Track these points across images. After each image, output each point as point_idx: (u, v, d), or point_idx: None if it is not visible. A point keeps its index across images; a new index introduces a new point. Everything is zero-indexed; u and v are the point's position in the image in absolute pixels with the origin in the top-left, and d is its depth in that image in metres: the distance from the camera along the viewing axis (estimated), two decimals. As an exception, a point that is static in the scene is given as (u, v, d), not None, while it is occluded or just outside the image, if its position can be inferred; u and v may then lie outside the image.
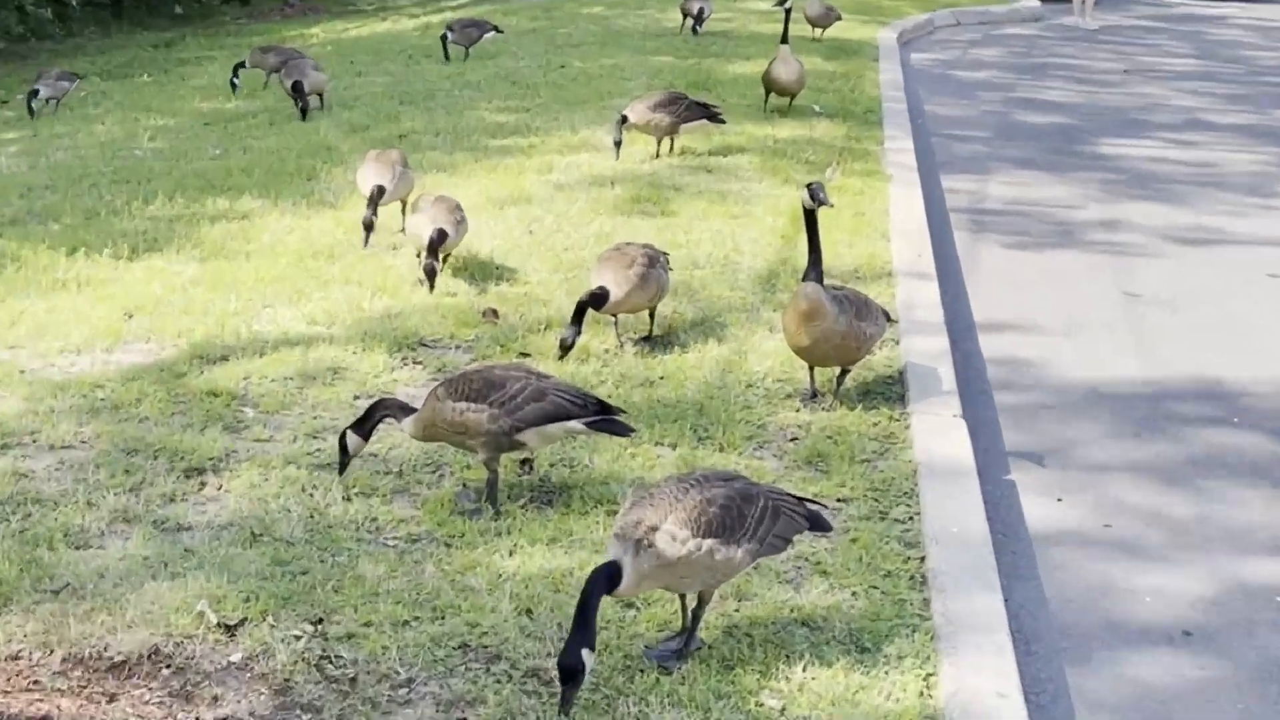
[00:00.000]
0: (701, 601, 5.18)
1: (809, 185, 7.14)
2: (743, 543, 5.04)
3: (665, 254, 8.56)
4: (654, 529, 4.89)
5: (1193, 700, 5.42)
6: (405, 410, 6.29)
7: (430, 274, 8.76)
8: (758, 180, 12.04)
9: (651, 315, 8.38)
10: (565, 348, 7.84)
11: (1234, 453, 7.53)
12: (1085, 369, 8.67)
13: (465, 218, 9.17)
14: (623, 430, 6.29)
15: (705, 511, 4.96)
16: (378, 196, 9.70)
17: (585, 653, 4.61)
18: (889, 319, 7.93)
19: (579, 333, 7.84)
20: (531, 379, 6.22)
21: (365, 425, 6.31)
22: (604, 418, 6.21)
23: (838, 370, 7.64)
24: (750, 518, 5.07)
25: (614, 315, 8.23)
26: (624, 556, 4.85)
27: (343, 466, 6.40)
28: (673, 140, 12.64)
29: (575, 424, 6.18)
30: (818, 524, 5.41)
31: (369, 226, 9.71)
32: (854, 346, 7.39)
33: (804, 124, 14.24)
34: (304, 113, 14.14)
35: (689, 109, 12.35)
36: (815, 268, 7.18)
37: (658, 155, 12.65)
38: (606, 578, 4.81)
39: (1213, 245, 11.38)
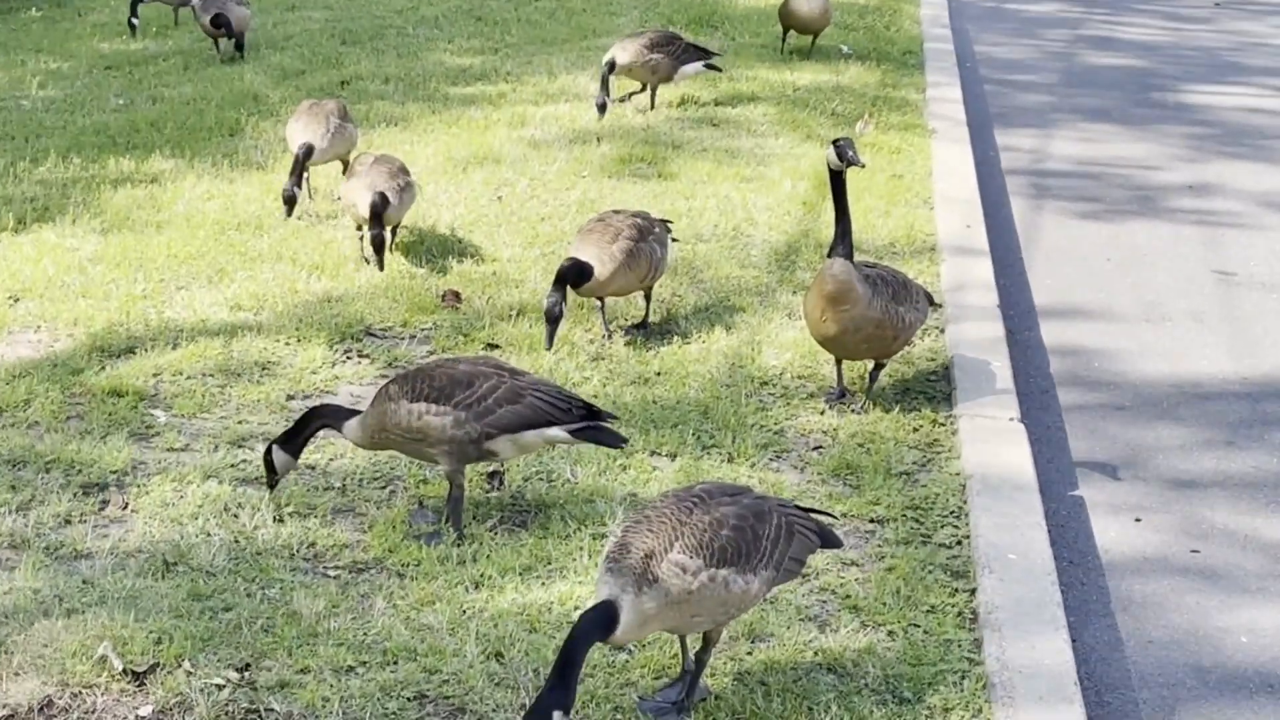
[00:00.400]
0: (707, 643, 5.20)
1: (836, 142, 7.16)
2: (759, 570, 5.06)
3: (667, 223, 8.56)
4: (658, 559, 4.89)
5: (1298, 761, 5.45)
6: (346, 415, 6.31)
7: (378, 245, 8.78)
8: (774, 136, 12.07)
9: (647, 297, 8.40)
10: (553, 319, 7.78)
11: (1348, 464, 7.58)
12: (1168, 363, 8.70)
13: (412, 182, 9.17)
14: (613, 440, 6.31)
15: (716, 535, 4.98)
16: (304, 159, 9.70)
17: (558, 715, 4.61)
18: (932, 303, 7.96)
19: (564, 301, 7.82)
20: (504, 376, 6.24)
21: (296, 439, 6.33)
22: (591, 425, 6.23)
23: (871, 365, 7.66)
24: (765, 539, 5.10)
25: (599, 299, 8.25)
26: (622, 595, 4.84)
27: (272, 485, 6.43)
28: (653, 92, 12.66)
29: (557, 431, 6.20)
30: (827, 540, 5.47)
31: (290, 201, 9.70)
32: (890, 336, 7.42)
33: (830, 68, 14.26)
34: (240, 48, 14.20)
35: (686, 50, 12.40)
36: (844, 241, 7.21)
37: (652, 105, 12.67)
38: (600, 623, 4.80)
39: (1322, 214, 11.44)
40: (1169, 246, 10.63)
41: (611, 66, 12.11)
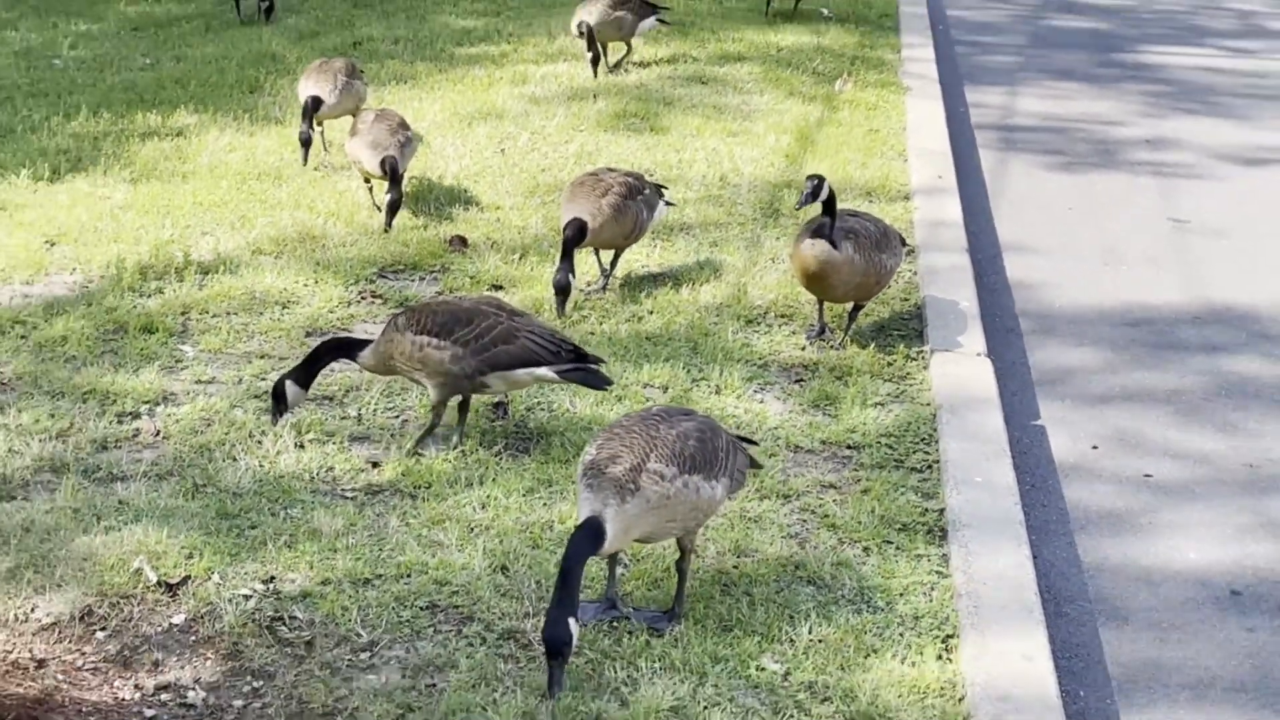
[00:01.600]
0: (685, 551, 5.28)
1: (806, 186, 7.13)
2: (720, 477, 5.21)
3: (661, 187, 8.54)
4: (637, 470, 4.98)
5: (1244, 671, 5.52)
6: (359, 345, 6.38)
7: (394, 208, 8.77)
8: (759, 93, 12.08)
9: (617, 256, 8.27)
10: (564, 291, 7.69)
11: (1290, 395, 7.64)
12: (1124, 305, 8.75)
13: (411, 136, 9.12)
14: (598, 383, 6.38)
15: (685, 446, 5.10)
16: (312, 109, 9.70)
17: (571, 622, 4.71)
18: (903, 244, 7.97)
19: (573, 272, 7.76)
20: (503, 317, 6.30)
21: (307, 373, 6.37)
22: (579, 367, 6.30)
23: (850, 305, 7.70)
24: (721, 451, 5.26)
25: (594, 249, 8.25)
26: (605, 508, 4.92)
27: (276, 417, 6.46)
28: (627, 49, 12.66)
29: (546, 371, 6.26)
30: (753, 462, 5.65)
31: (305, 142, 9.75)
32: (873, 282, 7.44)
33: (811, 29, 14.25)
34: (269, 13, 14.20)
35: (642, 6, 12.39)
36: (827, 225, 7.23)
37: (609, 65, 12.63)
38: (590, 539, 4.88)
39: (1271, 166, 11.46)
40: (1127, 195, 10.67)
41: (588, 31, 12.06)
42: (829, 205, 7.21)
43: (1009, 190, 10.72)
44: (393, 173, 8.71)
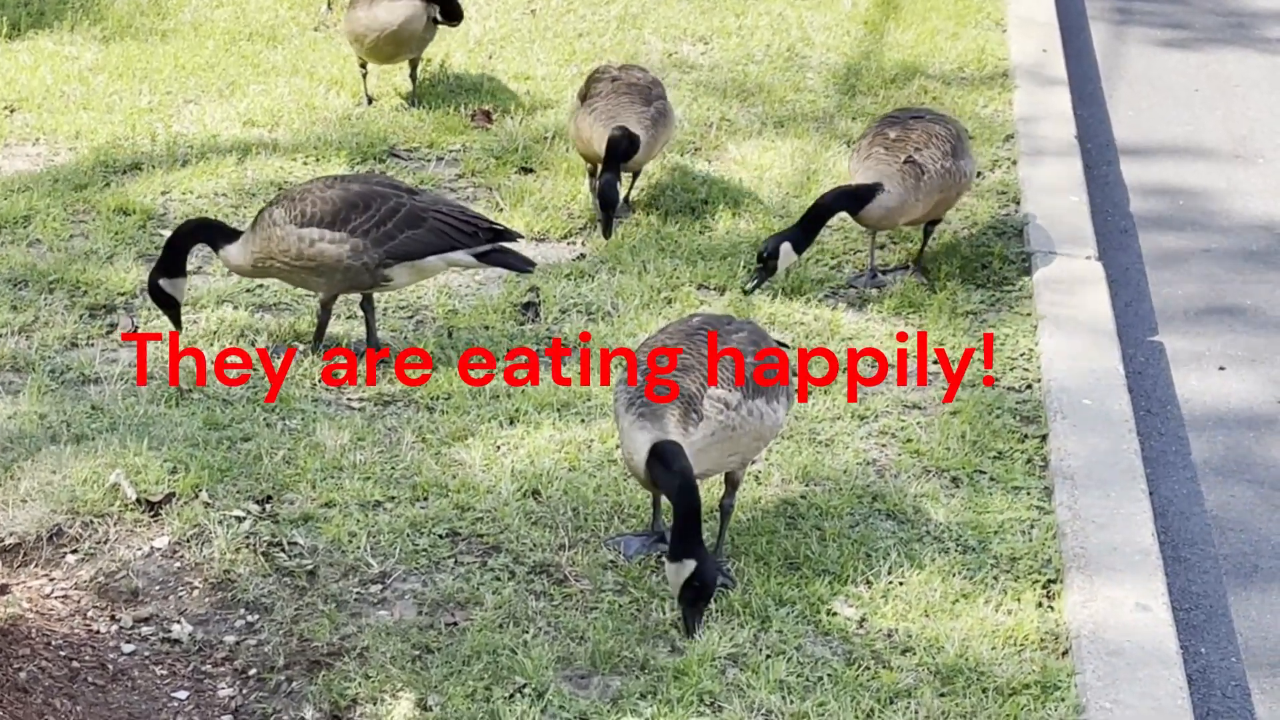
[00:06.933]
0: (733, 486, 5.26)
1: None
2: (780, 397, 5.19)
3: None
4: (698, 398, 4.93)
5: (1388, 623, 5.53)
6: (226, 235, 6.28)
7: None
8: (833, -50, 11.96)
9: (636, 175, 7.87)
10: (611, 204, 7.28)
11: None
12: (1260, 203, 8.67)
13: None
14: (520, 264, 6.37)
15: (746, 366, 5.06)
16: None
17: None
18: (970, 138, 7.69)
19: (620, 180, 7.39)
20: (402, 196, 6.27)
21: (178, 262, 6.26)
22: (497, 247, 6.29)
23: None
24: (779, 363, 5.22)
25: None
26: (665, 440, 4.87)
27: (177, 321, 6.38)
28: None
29: (462, 255, 6.25)
30: None
31: None
32: (954, 196, 7.24)
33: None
34: None
35: None
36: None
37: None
38: (685, 456, 4.82)
39: None
40: (1264, 76, 10.55)
41: None
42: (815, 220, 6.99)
43: (1125, 69, 10.61)
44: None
